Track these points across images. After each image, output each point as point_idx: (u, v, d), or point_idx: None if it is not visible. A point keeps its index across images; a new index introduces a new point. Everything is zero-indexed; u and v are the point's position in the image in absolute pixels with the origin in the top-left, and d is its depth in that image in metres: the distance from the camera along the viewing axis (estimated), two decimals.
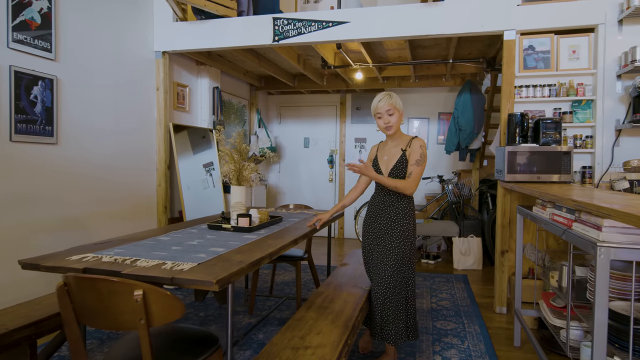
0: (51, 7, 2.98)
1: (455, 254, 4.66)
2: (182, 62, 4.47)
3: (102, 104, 3.45)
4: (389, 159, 2.38)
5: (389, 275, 2.25)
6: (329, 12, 3.60)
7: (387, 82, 5.52)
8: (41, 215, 2.92)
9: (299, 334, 1.81)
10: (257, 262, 1.77)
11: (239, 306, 3.47)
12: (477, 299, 3.68)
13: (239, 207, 2.60)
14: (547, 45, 3.22)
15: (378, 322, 2.29)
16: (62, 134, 3.09)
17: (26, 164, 2.82)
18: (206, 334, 1.81)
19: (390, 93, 2.36)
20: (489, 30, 3.24)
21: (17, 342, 1.84)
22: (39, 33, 2.90)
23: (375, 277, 2.31)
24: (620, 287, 1.81)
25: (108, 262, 1.67)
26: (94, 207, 3.37)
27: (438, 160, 5.84)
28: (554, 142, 2.94)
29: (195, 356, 1.64)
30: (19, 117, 2.77)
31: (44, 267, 1.64)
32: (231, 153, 2.62)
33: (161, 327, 1.87)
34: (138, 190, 3.88)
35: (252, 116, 6.10)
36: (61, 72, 3.07)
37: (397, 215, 2.31)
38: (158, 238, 2.20)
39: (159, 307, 1.39)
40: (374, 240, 2.38)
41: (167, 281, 1.50)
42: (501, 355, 2.63)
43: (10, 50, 2.71)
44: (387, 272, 2.26)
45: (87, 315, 1.45)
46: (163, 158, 4.10)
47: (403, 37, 3.46)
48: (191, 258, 1.76)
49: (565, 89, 3.19)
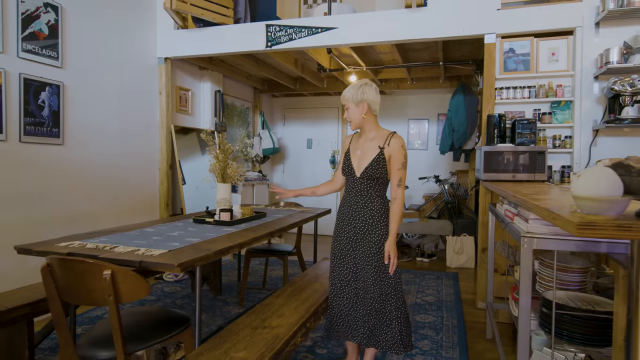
0: (58, 19, 3.24)
1: (448, 253, 4.75)
2: (184, 67, 4.72)
3: (106, 107, 3.71)
4: (362, 155, 2.14)
5: (372, 284, 2.07)
6: (318, 18, 3.77)
7: (385, 85, 5.65)
8: (48, 211, 3.18)
9: (262, 317, 1.98)
10: (224, 250, 1.95)
11: (231, 298, 3.67)
12: (462, 295, 3.77)
13: (223, 203, 2.79)
14: (527, 48, 3.30)
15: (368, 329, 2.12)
16: (67, 136, 3.35)
17: (34, 163, 3.09)
18: (180, 315, 2.00)
19: (357, 82, 2.15)
20: (469, 34, 3.35)
21: (15, 320, 2.07)
22: (46, 43, 3.17)
23: (361, 286, 2.13)
24: (563, 278, 1.91)
25: (90, 248, 1.88)
26: (98, 204, 3.63)
27: (437, 160, 5.92)
28: (529, 142, 3.02)
29: (167, 332, 1.84)
30: (28, 120, 3.04)
31: (35, 251, 1.87)
32: (217, 153, 2.81)
33: (141, 309, 2.07)
34: (141, 189, 4.13)
35: (256, 118, 6.32)
36: (67, 78, 3.34)
37: (373, 217, 2.10)
38: (144, 229, 2.41)
39: (126, 285, 1.58)
40: (348, 244, 2.16)
41: (137, 264, 1.69)
42: (471, 346, 2.73)
43: (20, 60, 2.98)
44: (370, 281, 2.08)
45: (67, 293, 1.66)
46: (165, 158, 4.34)
47: (388, 41, 3.59)
48: (165, 246, 1.96)
49: (544, 90, 3.27)
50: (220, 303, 3.52)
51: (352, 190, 2.17)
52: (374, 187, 2.12)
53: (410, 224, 4.97)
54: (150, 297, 3.66)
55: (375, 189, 2.13)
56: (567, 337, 1.68)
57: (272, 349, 1.65)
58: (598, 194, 1.04)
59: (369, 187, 2.12)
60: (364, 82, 2.15)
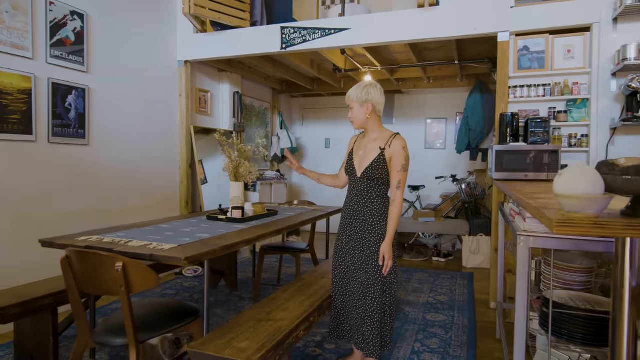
0: (84, 26, 3.43)
1: (464, 253, 4.71)
2: (204, 69, 4.87)
3: (129, 109, 3.89)
4: (364, 155, 2.17)
5: (368, 285, 2.09)
6: (331, 19, 3.83)
7: (401, 84, 5.65)
8: (74, 207, 3.37)
9: (266, 310, 2.06)
10: (230, 245, 2.04)
11: (247, 293, 3.77)
12: (476, 295, 3.75)
13: (235, 201, 2.89)
14: (541, 46, 3.25)
15: (349, 326, 2.21)
16: (92, 136, 3.54)
17: (62, 162, 3.27)
18: (191, 307, 2.11)
19: (360, 83, 2.16)
20: (482, 32, 3.33)
21: (41, 308, 2.22)
22: (73, 49, 3.35)
23: (353, 284, 2.16)
24: (565, 278, 1.90)
25: (107, 242, 2.01)
26: (121, 201, 3.80)
27: (455, 160, 5.87)
28: (542, 141, 2.99)
29: (177, 323, 1.95)
30: (56, 122, 3.22)
31: (56, 244, 2.01)
32: (229, 152, 2.91)
33: (155, 300, 2.19)
34: (162, 187, 4.30)
35: (274, 118, 6.43)
36: (92, 82, 3.52)
37: (373, 217, 2.12)
38: (159, 225, 2.53)
39: (136, 277, 1.69)
40: (349, 244, 2.19)
41: (147, 257, 1.80)
42: (480, 346, 2.73)
43: (49, 65, 3.17)
44: (364, 282, 2.10)
45: (84, 283, 1.79)
46: (185, 158, 4.50)
47: (401, 41, 3.61)
48: (176, 241, 2.06)
49: (560, 88, 3.21)
50: (235, 298, 3.63)
51: (353, 190, 2.20)
52: (374, 188, 2.14)
53: (426, 224, 4.95)
54: (170, 291, 3.81)
55: (376, 189, 2.14)
56: (567, 336, 1.68)
57: (273, 340, 1.72)
58: (577, 192, 1.06)
59: (369, 187, 2.14)
60: (368, 82, 2.17)
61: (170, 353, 2.40)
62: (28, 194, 3.02)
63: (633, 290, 1.12)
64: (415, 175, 6.00)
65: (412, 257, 5.00)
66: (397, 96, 6.21)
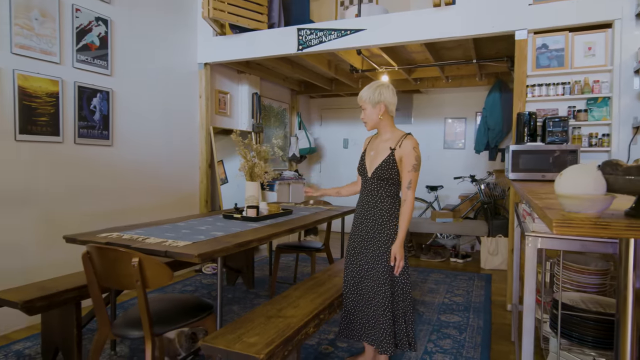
0: (108, 31, 3.56)
1: (482, 254, 4.65)
2: (223, 71, 4.97)
3: (151, 110, 4.01)
4: (375, 156, 2.19)
5: (379, 285, 2.11)
6: (347, 20, 3.85)
7: (419, 84, 5.61)
8: (99, 205, 3.51)
9: (277, 307, 2.10)
10: (243, 243, 2.09)
11: (263, 291, 3.84)
12: (493, 297, 3.70)
13: (251, 200, 2.95)
14: (561, 43, 3.19)
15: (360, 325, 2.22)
16: (116, 137, 3.67)
17: (87, 162, 3.41)
18: (205, 303, 2.17)
19: (372, 84, 2.16)
20: (499, 30, 3.29)
21: (66, 301, 2.33)
22: (97, 53, 3.49)
23: (364, 284, 2.18)
24: (579, 280, 1.87)
25: (126, 239, 2.10)
26: (143, 200, 3.93)
27: (475, 160, 5.79)
28: (560, 141, 2.93)
29: (192, 317, 2.02)
30: (81, 124, 3.37)
31: (79, 240, 2.11)
32: (245, 153, 2.97)
33: (172, 295, 2.26)
34: (183, 186, 4.42)
35: (293, 119, 6.49)
36: (116, 85, 3.66)
37: (382, 217, 2.13)
38: (176, 224, 2.62)
39: (151, 272, 1.76)
40: (361, 243, 2.21)
41: (162, 254, 1.87)
42: (494, 347, 2.70)
43: (75, 69, 3.31)
44: (375, 281, 2.12)
45: (103, 277, 1.88)
46: (205, 158, 4.61)
47: (416, 41, 3.60)
48: (191, 238, 2.13)
49: (580, 86, 3.14)
50: (252, 295, 3.70)
51: (364, 190, 2.23)
52: (384, 188, 2.15)
53: (443, 224, 4.91)
54: (190, 287, 3.92)
55: (386, 189, 2.15)
56: (578, 339, 1.66)
57: (282, 335, 1.77)
58: (578, 192, 1.05)
59: (379, 187, 2.16)
60: (380, 83, 2.16)
61: (187, 347, 2.48)
62: (55, 192, 3.17)
63: (637, 292, 1.10)
64: (433, 176, 5.96)
65: (429, 258, 4.97)
66: (415, 96, 6.17)
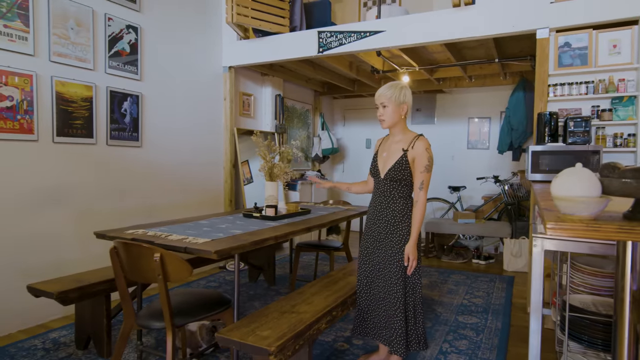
0: (138, 38, 3.75)
1: (505, 256, 4.58)
2: (247, 74, 5.11)
3: (177, 113, 4.19)
4: (387, 157, 2.21)
5: (391, 285, 2.15)
6: (366, 22, 3.89)
7: (442, 84, 5.57)
8: (129, 203, 3.70)
9: (292, 303, 2.18)
10: (260, 241, 2.19)
11: (284, 288, 3.94)
12: (514, 299, 3.65)
13: (270, 200, 3.05)
14: (584, 41, 3.12)
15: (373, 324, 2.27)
16: (145, 139, 3.86)
17: (118, 163, 3.61)
18: (224, 297, 2.28)
19: (395, 83, 2.17)
20: (520, 30, 3.25)
21: (96, 293, 2.50)
22: (128, 59, 3.68)
23: (377, 284, 2.23)
24: (592, 283, 1.85)
25: (150, 235, 2.23)
26: (170, 199, 4.11)
27: (499, 160, 5.69)
28: (582, 141, 2.87)
29: (210, 311, 2.12)
30: (113, 126, 3.56)
31: (108, 236, 2.26)
32: (264, 154, 3.07)
33: (194, 290, 2.38)
34: (208, 186, 4.58)
35: (316, 120, 6.57)
36: (145, 89, 3.84)
37: (395, 217, 2.16)
38: (198, 222, 2.74)
39: (172, 267, 1.88)
40: (373, 244, 2.25)
41: (182, 250, 1.99)
42: (511, 350, 2.69)
43: (107, 75, 3.51)
44: (387, 281, 2.16)
45: (128, 271, 2.01)
46: (229, 158, 4.76)
47: (436, 42, 3.60)
48: (210, 235, 2.25)
49: (604, 85, 3.06)
50: (272, 292, 3.81)
51: (377, 191, 2.26)
52: (396, 189, 2.18)
53: (465, 225, 4.87)
54: (213, 283, 4.06)
55: (398, 190, 2.18)
56: (587, 342, 1.65)
57: (293, 330, 1.84)
58: (572, 194, 1.08)
59: (392, 188, 2.18)
60: (402, 84, 2.19)
61: (208, 339, 2.61)
62: (89, 191, 3.37)
63: (634, 294, 1.11)
64: (456, 176, 5.90)
65: (450, 259, 4.94)
66: (438, 96, 6.13)
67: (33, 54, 2.96)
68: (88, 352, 2.60)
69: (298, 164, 6.12)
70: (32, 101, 2.96)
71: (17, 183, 2.91)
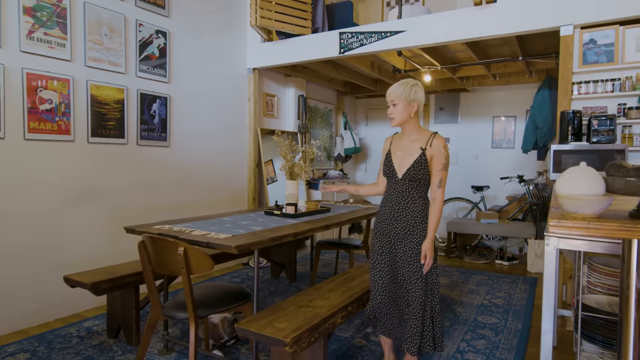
0: (166, 42, 3.91)
1: (529, 257, 4.50)
2: (271, 75, 5.22)
3: (203, 114, 4.34)
4: (403, 157, 2.16)
5: (414, 283, 2.11)
6: (387, 23, 3.92)
7: (465, 82, 5.51)
8: (158, 200, 3.87)
9: (308, 298, 2.26)
10: (278, 237, 2.27)
11: (304, 285, 4.02)
12: (536, 301, 3.60)
13: (290, 198, 3.13)
14: (610, 38, 3.05)
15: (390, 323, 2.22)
16: (172, 139, 4.02)
17: (147, 162, 3.78)
18: (245, 291, 2.38)
19: (406, 81, 2.13)
20: (543, 27, 3.20)
21: (126, 285, 2.65)
22: (157, 63, 3.85)
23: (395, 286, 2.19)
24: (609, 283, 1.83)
25: (175, 230, 2.35)
26: (196, 196, 4.27)
27: (524, 160, 5.58)
28: (607, 140, 2.82)
29: (231, 304, 2.23)
30: (143, 127, 3.74)
31: (137, 231, 2.40)
32: (285, 153, 3.15)
33: (217, 284, 2.49)
34: (232, 184, 4.72)
35: (338, 119, 6.63)
36: (173, 91, 4.01)
37: (415, 218, 2.13)
38: (222, 219, 2.86)
39: (195, 260, 1.98)
40: (390, 243, 2.19)
41: (205, 244, 2.09)
42: (530, 350, 2.67)
43: (137, 78, 3.68)
44: (411, 280, 2.11)
45: (155, 264, 2.13)
46: (253, 158, 4.88)
47: (457, 40, 3.60)
48: (232, 232, 2.35)
49: (631, 82, 2.98)
50: (293, 289, 3.90)
51: (393, 191, 2.19)
52: (415, 189, 2.14)
53: (488, 225, 4.81)
54: (237, 279, 4.19)
55: (417, 190, 2.14)
56: (602, 342, 1.65)
57: (309, 323, 1.92)
58: (576, 192, 1.10)
59: (410, 188, 2.14)
60: (414, 82, 2.15)
61: (229, 332, 2.72)
62: (120, 188, 3.55)
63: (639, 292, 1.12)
64: (480, 176, 5.83)
65: (473, 259, 4.89)
66: (462, 95, 6.07)
67: (70, 59, 3.15)
68: (118, 340, 2.76)
69: (320, 164, 6.20)
70: (69, 104, 3.16)
71: (55, 181, 3.11)
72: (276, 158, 5.13)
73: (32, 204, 2.98)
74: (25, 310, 2.95)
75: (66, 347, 2.66)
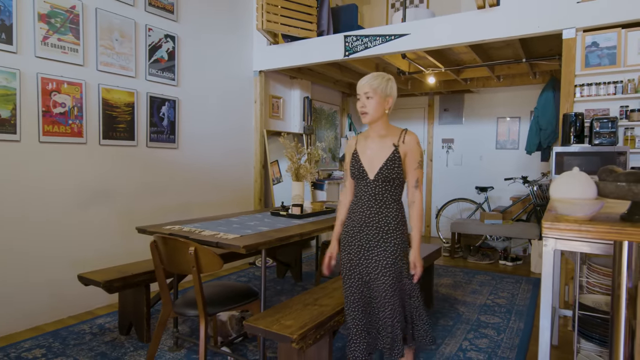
0: (175, 46, 4.00)
1: (533, 257, 4.54)
2: (277, 77, 5.29)
3: (210, 116, 4.42)
4: (373, 155, 1.95)
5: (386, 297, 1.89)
6: (391, 26, 3.98)
7: (470, 83, 5.55)
8: (167, 201, 3.96)
9: (314, 296, 2.32)
10: (285, 238, 2.34)
11: (310, 284, 4.09)
12: (538, 301, 3.64)
13: (296, 199, 3.20)
14: (613, 41, 3.08)
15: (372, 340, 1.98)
16: (181, 141, 4.11)
17: (157, 163, 3.87)
18: (252, 290, 2.45)
19: (381, 74, 1.95)
20: (545, 30, 3.25)
21: (137, 283, 2.73)
22: (166, 66, 3.94)
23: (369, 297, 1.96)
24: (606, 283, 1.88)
25: (185, 231, 2.43)
26: (204, 197, 4.35)
27: (528, 161, 5.61)
28: (608, 142, 2.86)
29: (239, 302, 2.30)
30: (152, 129, 3.83)
31: (148, 231, 2.48)
32: (291, 155, 3.22)
33: (225, 282, 2.57)
34: (239, 185, 4.80)
35: (343, 120, 6.69)
36: (181, 94, 4.09)
37: (389, 224, 1.91)
38: (229, 219, 2.93)
39: (205, 260, 2.06)
40: (359, 254, 1.95)
41: (214, 244, 2.17)
42: (532, 349, 2.72)
43: (147, 82, 3.77)
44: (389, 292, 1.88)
45: (166, 263, 2.21)
46: (259, 159, 4.96)
47: (460, 43, 3.64)
48: (240, 232, 2.42)
49: (633, 85, 3.02)
50: (299, 288, 3.97)
51: (364, 194, 1.96)
52: (389, 191, 1.93)
53: (492, 226, 4.85)
54: (243, 278, 4.27)
55: (391, 193, 1.93)
56: (599, 340, 1.70)
57: (314, 321, 1.98)
58: (568, 196, 1.15)
59: (384, 190, 1.92)
60: (388, 76, 1.96)
61: (237, 329, 2.79)
62: (131, 189, 3.64)
63: (629, 291, 1.17)
64: (484, 176, 5.87)
65: (476, 260, 4.93)
66: (466, 96, 6.10)
67: (82, 64, 3.24)
68: (130, 337, 2.85)
69: (325, 165, 6.26)
70: (82, 107, 3.25)
71: (68, 182, 3.20)
72: (282, 159, 5.21)
73: (47, 204, 3.07)
74: (40, 307, 3.04)
75: (80, 343, 2.74)
